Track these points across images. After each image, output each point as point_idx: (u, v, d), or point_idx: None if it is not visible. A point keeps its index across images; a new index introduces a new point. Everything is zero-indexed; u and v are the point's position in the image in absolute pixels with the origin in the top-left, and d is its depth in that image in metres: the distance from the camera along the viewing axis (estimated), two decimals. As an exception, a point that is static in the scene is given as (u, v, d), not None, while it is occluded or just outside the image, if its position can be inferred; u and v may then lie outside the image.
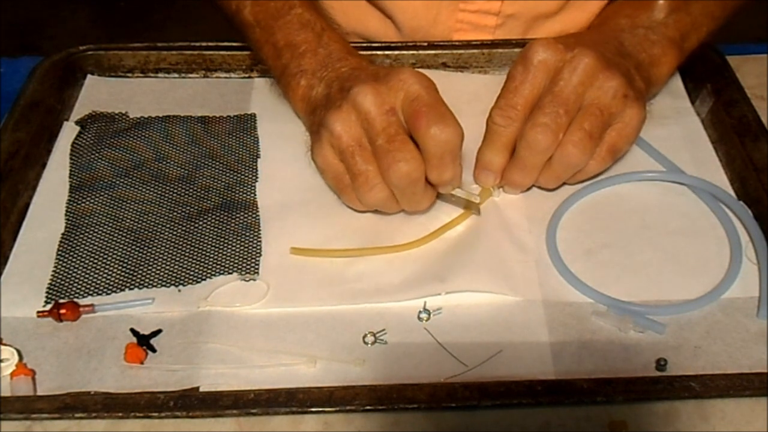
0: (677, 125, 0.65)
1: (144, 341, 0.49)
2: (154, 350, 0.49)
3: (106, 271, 0.53)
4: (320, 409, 0.45)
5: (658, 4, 0.61)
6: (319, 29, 0.60)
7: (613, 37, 0.60)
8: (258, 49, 0.63)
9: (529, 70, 0.54)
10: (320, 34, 0.60)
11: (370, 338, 0.50)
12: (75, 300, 0.51)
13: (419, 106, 0.50)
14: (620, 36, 0.60)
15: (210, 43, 0.70)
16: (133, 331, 0.50)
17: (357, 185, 0.53)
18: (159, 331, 0.50)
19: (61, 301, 0.51)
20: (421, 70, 0.68)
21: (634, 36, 0.60)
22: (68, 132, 0.64)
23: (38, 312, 0.51)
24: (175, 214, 0.57)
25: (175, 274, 0.53)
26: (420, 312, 0.51)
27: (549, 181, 0.57)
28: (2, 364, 0.47)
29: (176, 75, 0.70)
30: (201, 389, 0.47)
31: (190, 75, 0.70)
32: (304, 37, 0.60)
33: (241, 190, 0.60)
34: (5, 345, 0.48)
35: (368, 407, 0.45)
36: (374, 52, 0.69)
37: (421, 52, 0.70)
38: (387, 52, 0.70)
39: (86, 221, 0.57)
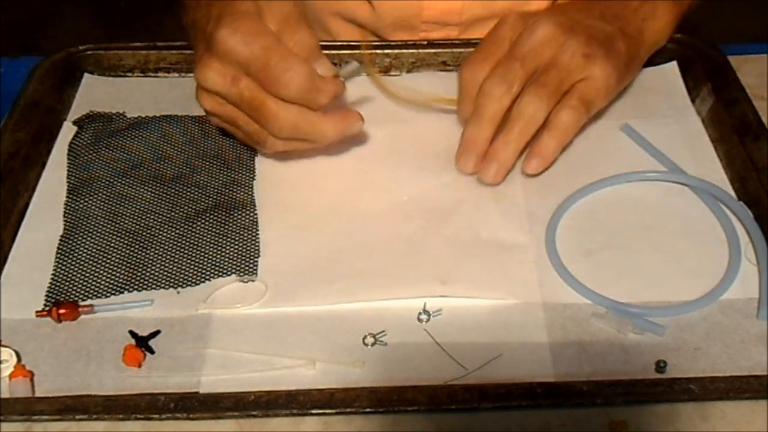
0: (677, 124, 0.64)
1: (142, 342, 0.49)
2: (152, 351, 0.49)
3: (105, 273, 0.53)
4: (320, 411, 0.45)
5: None
6: None
7: (600, 2, 0.60)
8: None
9: (492, 39, 0.58)
10: None
11: (369, 339, 0.50)
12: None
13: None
14: (607, 1, 0.60)
15: (209, 43, 0.70)
16: (132, 333, 0.50)
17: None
18: (158, 332, 0.50)
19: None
20: (420, 69, 0.69)
21: None
22: (68, 132, 0.64)
23: (37, 311, 0.51)
24: (173, 214, 0.57)
25: (173, 276, 0.53)
26: (420, 313, 0.51)
27: (516, 139, 0.56)
28: (1, 366, 0.47)
29: (176, 74, 0.70)
30: (201, 391, 0.47)
31: (190, 75, 0.70)
32: None
33: (239, 189, 0.59)
34: (4, 346, 0.48)
35: (368, 409, 0.45)
36: (374, 51, 0.69)
37: (421, 51, 0.69)
38: (387, 51, 0.69)
39: (84, 223, 0.57)
